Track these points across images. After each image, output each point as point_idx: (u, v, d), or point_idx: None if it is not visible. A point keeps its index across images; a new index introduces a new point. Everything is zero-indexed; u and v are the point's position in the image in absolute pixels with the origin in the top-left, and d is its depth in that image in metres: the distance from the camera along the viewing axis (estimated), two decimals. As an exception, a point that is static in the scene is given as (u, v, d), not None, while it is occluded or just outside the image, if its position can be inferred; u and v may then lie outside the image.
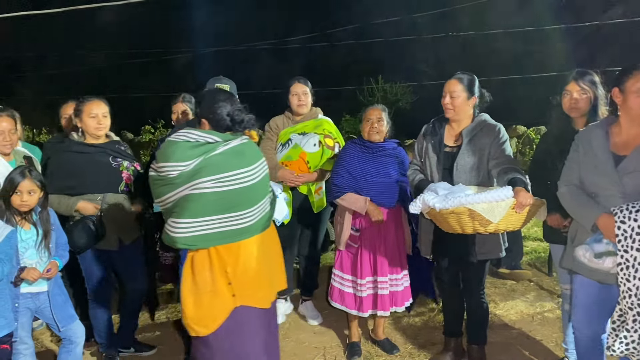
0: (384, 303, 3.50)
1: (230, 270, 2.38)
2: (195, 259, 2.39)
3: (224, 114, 2.47)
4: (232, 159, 2.37)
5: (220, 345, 2.40)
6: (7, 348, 2.68)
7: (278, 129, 4.12)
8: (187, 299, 2.39)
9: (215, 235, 2.35)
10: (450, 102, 3.14)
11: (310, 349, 3.79)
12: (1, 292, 2.64)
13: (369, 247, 3.51)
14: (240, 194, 2.38)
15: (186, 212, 2.32)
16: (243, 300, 2.41)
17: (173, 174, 2.32)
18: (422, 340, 3.85)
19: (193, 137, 2.36)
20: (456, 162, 3.13)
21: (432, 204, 2.81)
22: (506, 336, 3.86)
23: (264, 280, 2.50)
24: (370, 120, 3.56)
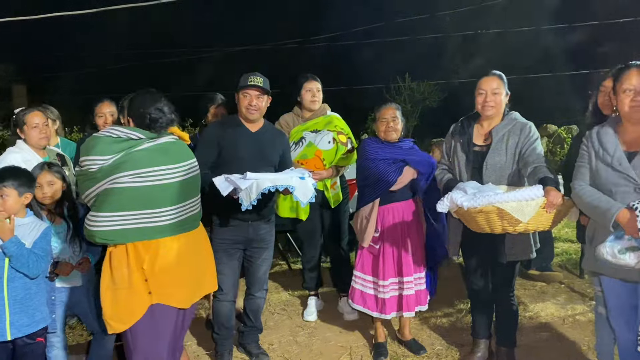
0: (409, 303, 3.47)
1: (147, 267, 2.37)
2: (113, 255, 2.40)
3: (145, 112, 2.48)
4: (154, 156, 2.39)
5: (137, 342, 2.42)
6: (42, 341, 2.76)
7: (289, 127, 4.13)
8: (105, 295, 2.40)
9: (133, 231, 2.35)
10: (493, 100, 3.10)
11: (336, 347, 3.78)
12: (37, 286, 2.71)
13: (391, 248, 3.48)
14: (159, 191, 2.38)
15: (104, 206, 2.33)
16: (160, 298, 2.40)
17: (93, 168, 2.34)
18: (449, 341, 3.81)
19: (115, 133, 2.39)
20: (486, 161, 3.09)
21: (460, 202, 2.76)
22: (536, 339, 3.79)
23: (185, 280, 2.48)
24: (386, 119, 3.50)
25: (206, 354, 3.70)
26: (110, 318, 2.41)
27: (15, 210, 2.64)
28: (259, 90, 3.26)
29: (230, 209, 2.89)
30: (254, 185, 2.80)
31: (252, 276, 3.50)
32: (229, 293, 3.41)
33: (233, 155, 3.24)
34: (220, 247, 3.30)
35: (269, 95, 3.34)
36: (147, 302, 2.39)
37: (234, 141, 3.27)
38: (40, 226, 2.74)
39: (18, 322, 2.60)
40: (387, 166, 3.44)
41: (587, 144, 2.64)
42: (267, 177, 2.90)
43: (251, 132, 3.34)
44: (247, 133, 3.33)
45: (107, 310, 2.41)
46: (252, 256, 3.44)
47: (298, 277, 5.35)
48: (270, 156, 3.38)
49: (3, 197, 2.59)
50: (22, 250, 2.57)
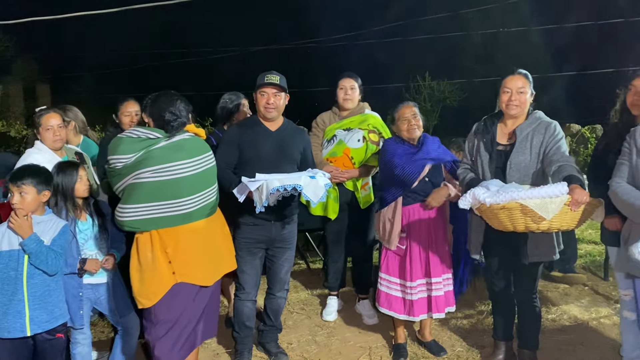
0: (439, 305, 3.42)
1: (170, 250, 2.65)
2: (139, 241, 2.69)
3: (161, 113, 2.72)
4: (170, 153, 2.65)
5: (160, 316, 2.69)
6: (62, 337, 2.78)
7: (324, 125, 4.12)
8: (134, 276, 2.71)
9: (156, 220, 2.63)
10: (518, 99, 3.05)
11: (355, 348, 3.76)
12: (56, 283, 2.74)
13: (418, 248, 3.44)
14: (177, 184, 2.64)
15: (130, 199, 2.63)
16: (182, 277, 2.69)
17: (119, 166, 2.64)
18: (470, 342, 3.76)
19: (136, 134, 2.68)
20: (509, 160, 3.04)
21: (482, 198, 2.72)
22: (559, 342, 3.73)
23: (205, 261, 2.76)
24: (407, 118, 3.46)
25: (226, 352, 3.71)
26: (138, 295, 2.70)
27: (33, 208, 2.68)
28: (276, 87, 3.25)
29: (252, 209, 2.92)
30: (263, 186, 2.82)
31: (274, 276, 3.49)
32: (250, 292, 3.41)
33: (254, 155, 3.24)
34: (243, 246, 3.31)
35: (287, 93, 3.34)
36: (171, 281, 2.67)
37: (255, 141, 3.27)
38: (59, 223, 2.77)
39: (37, 318, 2.63)
40: (406, 163, 3.40)
41: (629, 141, 2.62)
42: (276, 177, 2.90)
43: (271, 131, 3.34)
44: (267, 132, 3.32)
45: (135, 289, 2.71)
46: (275, 256, 3.43)
47: (317, 277, 5.35)
48: (291, 154, 3.37)
49: (22, 194, 2.63)
50: (41, 248, 2.60)
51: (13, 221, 2.59)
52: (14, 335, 2.60)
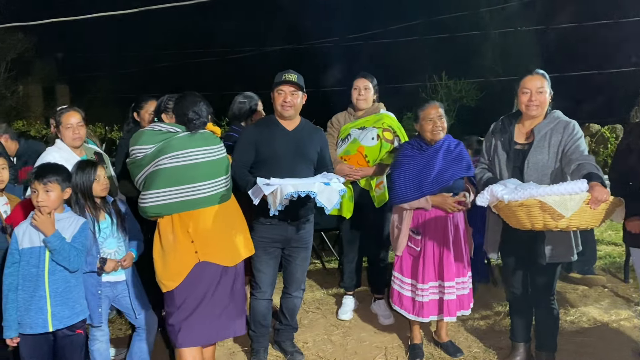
0: (450, 308, 3.39)
1: (192, 231, 2.76)
2: (161, 225, 2.80)
3: (184, 112, 2.86)
4: (186, 142, 2.80)
5: (185, 297, 2.77)
6: (82, 333, 2.83)
7: (339, 125, 4.12)
8: (157, 260, 2.80)
9: (176, 204, 2.75)
10: (538, 99, 3.02)
11: (371, 348, 3.75)
12: (76, 280, 2.78)
13: (432, 250, 3.40)
14: (194, 169, 2.78)
15: (151, 185, 2.75)
16: (205, 256, 2.78)
17: (139, 156, 2.78)
18: (487, 344, 3.73)
19: (157, 127, 2.84)
20: (527, 159, 3.01)
21: (500, 195, 2.69)
22: (577, 344, 3.68)
23: (224, 242, 2.86)
24: (432, 119, 3.38)
25: (242, 351, 3.72)
26: (162, 278, 2.78)
27: (57, 205, 2.72)
28: (294, 86, 3.26)
29: (268, 209, 2.93)
30: (277, 190, 2.83)
31: (291, 275, 3.50)
32: (266, 291, 3.42)
33: (271, 154, 3.25)
34: (260, 246, 3.32)
35: (304, 92, 3.34)
36: (194, 260, 2.77)
37: (271, 140, 3.28)
38: (78, 221, 2.82)
39: (59, 314, 2.68)
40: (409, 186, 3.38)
41: None
42: (290, 182, 2.89)
43: (288, 130, 3.34)
44: (284, 131, 3.32)
45: (159, 272, 2.79)
46: (291, 255, 3.43)
47: (332, 276, 5.35)
48: (308, 154, 3.37)
49: (48, 192, 2.67)
50: (64, 245, 2.65)
51: (37, 218, 2.63)
52: (36, 331, 2.64)
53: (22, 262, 2.66)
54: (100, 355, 3.12)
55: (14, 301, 2.64)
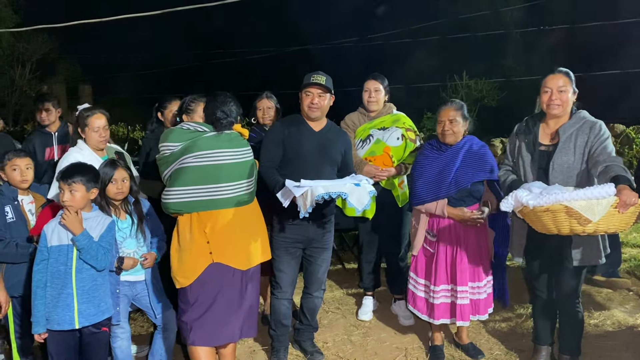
0: (463, 313, 3.35)
1: (209, 231, 2.78)
2: (180, 222, 2.85)
3: (213, 112, 2.91)
4: (213, 142, 2.82)
5: (197, 296, 2.80)
6: (107, 331, 2.87)
7: (355, 126, 4.10)
8: (173, 256, 2.85)
9: (197, 203, 2.78)
10: (559, 98, 2.98)
11: (391, 349, 3.74)
12: (102, 278, 2.82)
13: (445, 254, 3.38)
14: (218, 169, 2.80)
15: (174, 182, 2.80)
16: (219, 258, 2.80)
17: (167, 153, 2.83)
18: (509, 346, 3.70)
19: (186, 126, 2.89)
20: (552, 161, 2.97)
21: (525, 200, 2.66)
22: (601, 347, 3.62)
23: (241, 245, 2.87)
24: (443, 121, 3.36)
25: (262, 349, 3.74)
26: (177, 274, 2.83)
27: (82, 205, 2.76)
28: (321, 88, 3.28)
29: (290, 209, 2.96)
30: (308, 192, 2.83)
31: (311, 276, 3.51)
32: (287, 291, 3.44)
33: (296, 154, 3.29)
34: (281, 245, 3.36)
35: (332, 94, 3.36)
36: (208, 260, 2.79)
37: (298, 140, 3.31)
38: (106, 220, 2.86)
39: (85, 312, 2.72)
40: (424, 187, 3.38)
41: None
42: (321, 184, 2.90)
43: (315, 131, 3.36)
44: (310, 132, 3.35)
45: (174, 268, 2.84)
46: (312, 256, 3.45)
47: (352, 276, 5.34)
48: (333, 155, 3.38)
49: (72, 192, 2.72)
50: (91, 244, 2.69)
51: (65, 217, 2.68)
52: (63, 328, 2.69)
53: (50, 260, 2.71)
54: (122, 352, 3.17)
55: (43, 297, 2.69)
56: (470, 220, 3.29)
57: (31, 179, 3.20)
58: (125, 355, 3.18)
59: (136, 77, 27.86)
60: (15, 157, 3.14)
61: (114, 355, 3.16)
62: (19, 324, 3.18)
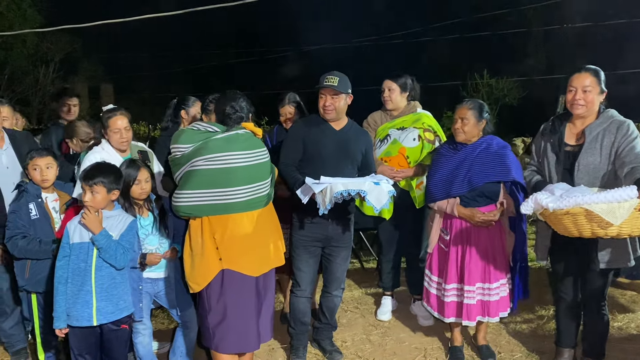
0: (470, 312, 3.32)
1: (218, 237, 2.73)
2: (191, 226, 2.80)
3: (223, 110, 2.85)
4: (225, 144, 2.75)
5: (212, 303, 2.77)
6: (127, 328, 2.90)
7: (376, 125, 4.08)
8: (186, 261, 2.82)
9: (208, 206, 2.72)
10: (583, 98, 2.91)
11: (410, 349, 3.72)
12: (122, 276, 2.84)
13: (456, 252, 3.36)
14: (230, 173, 2.73)
15: (185, 185, 2.75)
16: (229, 264, 2.74)
17: (178, 155, 2.79)
18: (530, 348, 3.65)
19: (197, 127, 2.83)
20: (578, 161, 2.91)
21: (545, 203, 2.60)
22: (626, 351, 3.56)
23: (252, 251, 2.79)
24: (455, 119, 3.35)
25: (281, 347, 3.75)
26: (188, 279, 2.81)
27: (103, 206, 2.79)
28: (334, 90, 3.26)
29: (309, 207, 2.96)
30: (327, 189, 2.82)
31: (331, 275, 3.50)
32: (306, 289, 3.45)
33: (317, 153, 3.29)
34: (300, 244, 3.37)
35: (348, 93, 3.34)
36: (218, 267, 2.74)
37: (318, 139, 3.31)
38: (127, 219, 2.88)
39: (104, 309, 2.75)
40: (436, 185, 3.38)
41: None
42: (340, 181, 2.89)
43: (335, 130, 3.36)
44: (331, 131, 3.35)
45: (187, 273, 2.82)
46: (331, 254, 3.44)
47: (371, 275, 5.33)
48: (353, 154, 3.38)
49: (94, 193, 2.75)
50: (110, 243, 2.72)
51: (85, 217, 2.71)
52: (82, 324, 2.72)
53: (72, 256, 2.74)
54: (144, 348, 3.20)
55: (64, 293, 2.73)
56: (481, 222, 3.25)
57: (52, 178, 3.22)
58: (146, 352, 3.21)
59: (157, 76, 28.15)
60: (36, 156, 3.17)
61: (135, 350, 3.20)
62: (42, 319, 3.23)
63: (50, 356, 3.31)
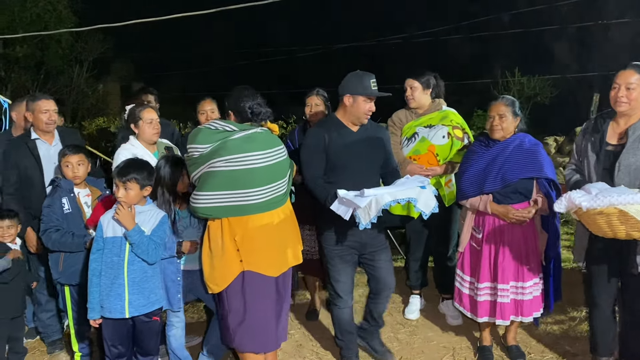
0: (503, 312, 3.27)
1: (239, 238, 2.70)
2: (211, 228, 2.77)
3: (245, 107, 2.80)
4: (244, 144, 2.70)
5: (228, 303, 2.76)
6: (158, 320, 2.96)
7: (401, 123, 4.03)
8: (205, 262, 2.80)
9: (227, 208, 2.69)
10: (626, 95, 2.84)
11: (438, 348, 3.69)
12: (153, 270, 2.91)
13: (489, 251, 3.31)
14: (250, 174, 2.69)
15: (204, 186, 2.71)
16: (250, 266, 2.72)
17: (196, 155, 2.74)
18: (560, 350, 3.59)
19: (214, 126, 2.76)
20: (619, 161, 2.83)
21: (578, 202, 2.54)
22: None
23: (272, 252, 2.78)
24: (492, 116, 3.28)
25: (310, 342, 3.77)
26: (208, 280, 2.80)
27: (136, 201, 2.86)
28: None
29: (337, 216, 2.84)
30: (372, 202, 2.71)
31: (379, 283, 3.38)
32: (347, 300, 3.36)
33: (341, 160, 3.17)
34: (335, 254, 3.27)
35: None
36: (239, 268, 2.73)
37: (341, 145, 3.18)
38: (158, 214, 2.93)
39: (135, 302, 2.81)
40: (469, 182, 3.32)
41: None
42: (385, 191, 2.78)
43: (353, 132, 3.26)
44: (351, 134, 3.24)
45: (206, 274, 2.81)
46: (372, 259, 3.33)
47: (398, 274, 5.27)
48: (377, 153, 3.30)
49: (127, 189, 2.81)
50: (142, 239, 2.78)
51: (118, 212, 2.78)
52: (115, 316, 2.80)
53: (105, 250, 2.81)
54: (176, 341, 3.26)
55: (97, 285, 2.80)
56: (515, 219, 3.21)
57: (83, 174, 3.30)
58: (178, 344, 3.27)
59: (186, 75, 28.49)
60: (68, 153, 3.26)
61: (167, 342, 3.26)
62: (76, 310, 3.31)
63: (84, 347, 3.40)
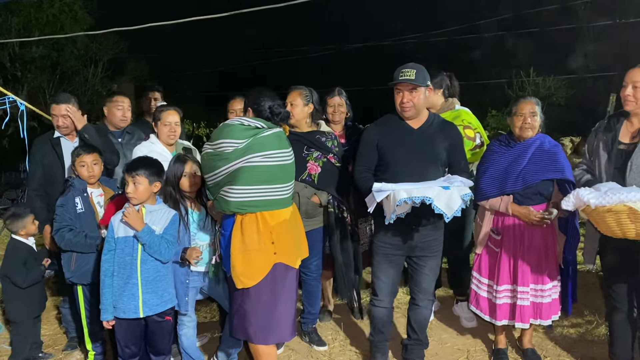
0: (523, 314, 3.22)
1: (274, 232, 2.76)
2: (244, 222, 2.75)
3: (266, 106, 2.86)
4: (275, 141, 2.77)
5: (259, 296, 2.76)
6: (170, 319, 2.97)
7: None
8: (236, 256, 2.75)
9: (261, 202, 2.73)
10: (632, 94, 2.80)
11: (453, 350, 3.66)
12: (166, 269, 2.91)
13: (509, 253, 3.25)
14: (281, 170, 2.78)
15: (239, 181, 2.70)
16: (282, 258, 2.78)
17: (229, 150, 2.70)
18: (577, 354, 3.53)
19: (246, 122, 2.78)
20: (631, 160, 2.79)
21: (586, 199, 2.48)
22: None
23: (295, 244, 2.89)
24: (523, 114, 3.17)
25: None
26: (241, 275, 2.74)
27: (145, 197, 2.86)
28: (411, 84, 2.98)
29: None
30: (390, 196, 2.67)
31: (417, 285, 3.26)
32: (384, 299, 3.25)
33: (393, 157, 3.06)
34: (381, 251, 3.18)
35: (427, 86, 3.06)
36: (273, 260, 2.76)
37: (393, 141, 3.08)
38: (169, 213, 2.94)
39: (149, 301, 2.82)
40: (489, 182, 3.25)
41: None
42: (403, 187, 2.72)
43: (412, 128, 3.10)
44: (408, 130, 3.09)
45: (238, 269, 2.74)
46: (418, 264, 3.20)
47: (412, 276, 5.25)
48: (435, 153, 3.08)
49: (136, 184, 2.82)
50: (153, 238, 2.78)
51: (127, 215, 2.79)
52: (129, 316, 2.80)
53: (117, 250, 2.82)
54: (188, 340, 3.26)
55: (110, 286, 2.80)
56: (536, 220, 3.15)
57: (98, 174, 3.33)
58: (190, 343, 3.27)
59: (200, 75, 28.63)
60: (83, 153, 3.28)
61: (179, 342, 3.27)
62: (89, 310, 3.33)
63: (97, 346, 3.41)
